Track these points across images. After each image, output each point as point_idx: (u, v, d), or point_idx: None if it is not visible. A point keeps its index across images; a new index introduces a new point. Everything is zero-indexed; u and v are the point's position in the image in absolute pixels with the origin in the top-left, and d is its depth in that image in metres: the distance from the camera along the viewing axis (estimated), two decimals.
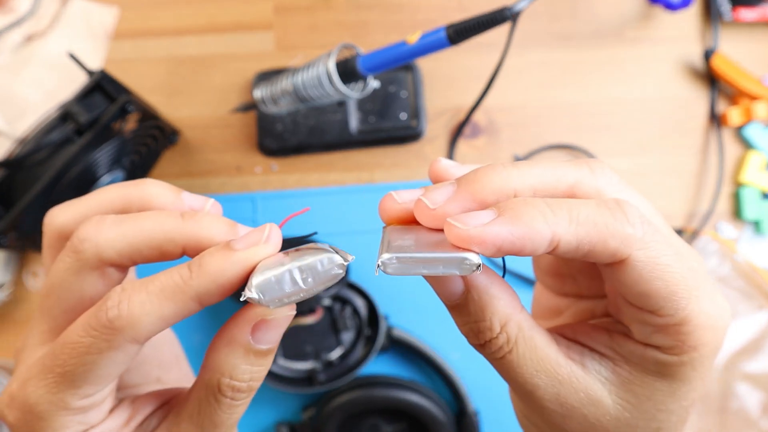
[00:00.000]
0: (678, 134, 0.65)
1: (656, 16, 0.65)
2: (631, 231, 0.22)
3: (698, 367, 0.24)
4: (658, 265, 0.22)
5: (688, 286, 0.22)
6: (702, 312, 0.23)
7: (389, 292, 0.62)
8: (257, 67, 0.64)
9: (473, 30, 0.45)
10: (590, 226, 0.22)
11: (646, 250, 0.22)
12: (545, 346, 0.24)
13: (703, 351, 0.23)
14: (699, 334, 0.23)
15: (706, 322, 0.23)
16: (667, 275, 0.22)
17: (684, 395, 0.24)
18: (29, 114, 0.62)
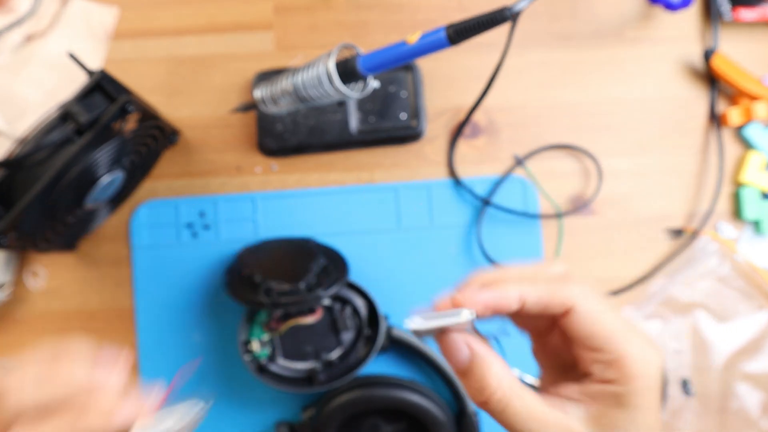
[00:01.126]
0: (678, 134, 0.65)
1: (656, 16, 0.65)
2: (574, 288, 0.31)
3: (643, 395, 0.30)
4: (597, 312, 0.31)
5: (623, 330, 0.31)
6: (636, 350, 0.31)
7: (389, 292, 0.62)
8: (257, 67, 0.64)
9: (473, 30, 0.45)
10: (545, 288, 0.32)
11: (586, 303, 0.31)
12: (533, 399, 0.31)
13: (643, 381, 0.30)
14: (637, 366, 0.30)
15: (641, 357, 0.30)
16: (605, 321, 0.31)
17: (641, 422, 0.31)
18: (29, 114, 0.62)
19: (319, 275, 0.54)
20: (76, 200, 0.52)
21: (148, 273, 0.62)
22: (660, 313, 0.62)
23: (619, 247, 0.63)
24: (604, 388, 0.31)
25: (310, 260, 0.55)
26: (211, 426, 0.61)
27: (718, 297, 0.62)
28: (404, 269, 0.62)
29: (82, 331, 0.62)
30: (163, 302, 0.62)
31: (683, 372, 0.62)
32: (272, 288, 0.52)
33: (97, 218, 0.61)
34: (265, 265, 0.55)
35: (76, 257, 0.63)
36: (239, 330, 0.56)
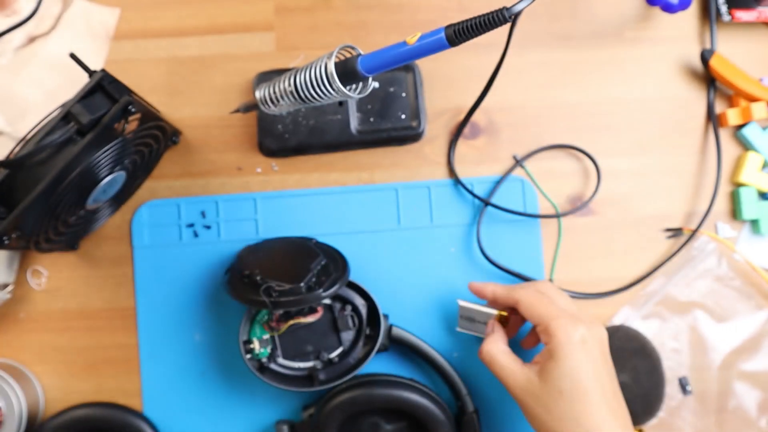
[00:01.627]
0: (677, 134, 0.65)
1: (655, 16, 0.66)
2: (519, 290, 0.54)
3: (564, 348, 0.48)
4: (533, 303, 0.52)
5: (551, 311, 0.50)
6: (558, 321, 0.49)
7: (389, 292, 0.62)
8: (258, 67, 0.64)
9: (473, 31, 0.45)
10: (504, 288, 0.56)
11: (526, 298, 0.52)
12: (511, 360, 0.52)
13: (562, 338, 0.48)
14: (558, 330, 0.49)
15: (560, 324, 0.49)
16: (538, 306, 0.51)
17: (565, 367, 0.47)
18: (31, 114, 0.63)
19: (319, 275, 0.55)
20: (77, 200, 0.53)
21: (149, 273, 0.62)
22: (658, 313, 0.63)
23: (618, 246, 0.64)
24: (545, 349, 0.49)
25: (310, 260, 0.55)
26: (212, 425, 0.61)
27: (717, 296, 0.63)
28: (404, 269, 0.62)
29: (83, 330, 0.62)
30: (164, 302, 0.62)
31: (681, 371, 0.62)
32: (272, 288, 0.53)
33: (99, 218, 0.61)
34: (265, 265, 0.56)
35: (78, 257, 0.63)
36: (240, 329, 0.57)
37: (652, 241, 0.64)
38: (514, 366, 0.50)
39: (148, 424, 0.60)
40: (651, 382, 0.61)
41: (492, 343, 0.52)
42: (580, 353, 0.47)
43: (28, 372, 0.62)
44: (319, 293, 0.52)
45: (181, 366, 0.62)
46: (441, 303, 0.62)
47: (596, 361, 0.48)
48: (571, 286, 0.63)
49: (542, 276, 0.63)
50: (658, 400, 0.61)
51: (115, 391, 0.62)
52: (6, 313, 0.62)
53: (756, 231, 0.64)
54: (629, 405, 0.60)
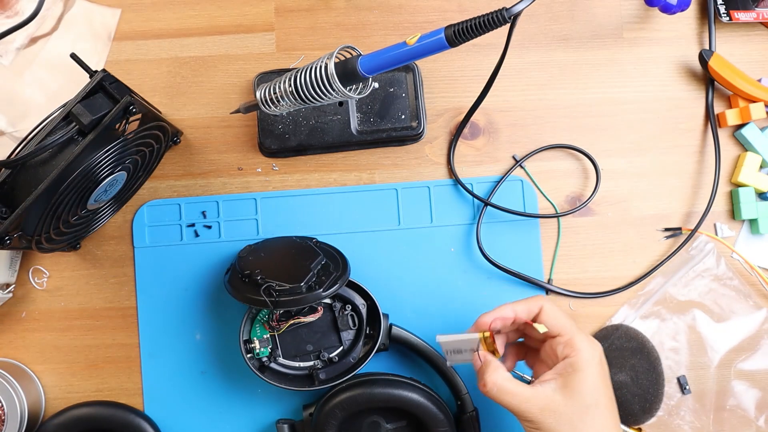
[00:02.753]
0: (676, 135, 0.65)
1: (654, 17, 0.66)
2: (540, 299, 0.52)
3: (588, 362, 0.48)
4: (555, 312, 0.51)
5: (572, 324, 0.51)
6: (580, 335, 0.50)
7: (389, 292, 0.62)
8: (258, 68, 0.65)
9: (472, 32, 0.45)
10: (524, 302, 0.53)
11: (549, 306, 0.52)
12: (519, 385, 0.49)
13: (587, 354, 0.48)
14: (583, 344, 0.49)
15: (583, 338, 0.50)
16: (561, 317, 0.51)
17: (590, 381, 0.48)
18: (32, 115, 0.63)
19: (319, 275, 0.55)
20: (78, 200, 0.53)
21: (150, 272, 0.62)
22: (657, 312, 0.63)
23: (617, 246, 0.64)
24: (564, 363, 0.49)
25: (310, 260, 0.56)
26: (212, 424, 0.61)
27: (715, 296, 0.63)
28: (404, 268, 0.63)
29: (84, 330, 0.63)
30: (165, 301, 0.62)
31: (680, 370, 0.62)
32: (273, 287, 0.53)
33: (100, 218, 0.61)
34: (266, 265, 0.56)
35: (79, 257, 0.63)
36: (240, 329, 0.57)
37: (650, 240, 0.64)
38: (527, 390, 0.48)
39: (149, 423, 0.60)
40: (650, 381, 0.61)
41: (493, 374, 0.49)
42: (600, 370, 0.49)
43: (30, 371, 0.62)
44: (319, 293, 0.53)
45: (181, 365, 0.62)
46: (441, 303, 0.62)
47: (608, 378, 0.50)
48: (571, 285, 0.63)
49: (541, 276, 0.63)
50: (657, 400, 0.61)
51: (116, 390, 0.62)
52: (7, 312, 0.63)
53: (754, 231, 0.64)
54: (628, 404, 0.61)
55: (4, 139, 0.63)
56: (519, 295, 0.62)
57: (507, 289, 0.63)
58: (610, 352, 0.62)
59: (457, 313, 0.62)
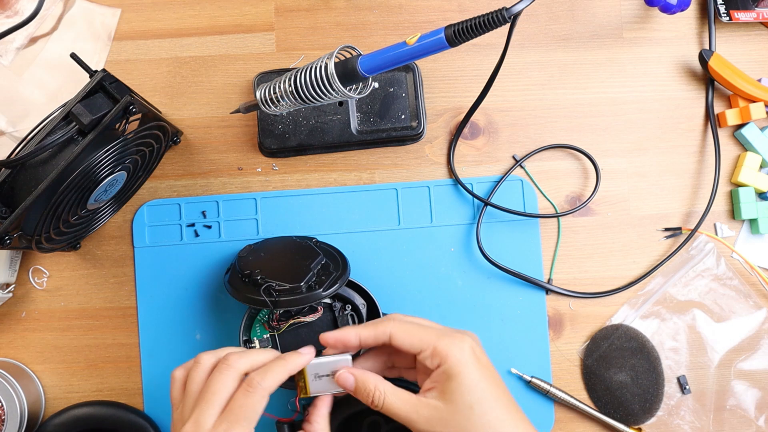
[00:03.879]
0: (675, 135, 0.65)
1: (654, 17, 0.66)
2: (388, 323, 0.49)
3: (460, 365, 0.46)
4: (407, 331, 0.48)
5: (431, 333, 0.48)
6: (443, 340, 0.47)
7: (390, 291, 0.62)
8: (258, 68, 0.65)
9: (472, 31, 0.45)
10: (371, 327, 0.49)
11: (398, 328, 0.48)
12: (403, 393, 0.48)
13: (455, 357, 0.46)
14: (447, 349, 0.46)
15: (447, 343, 0.47)
16: (415, 333, 0.48)
17: (466, 383, 0.46)
18: (32, 115, 0.63)
19: (319, 274, 0.55)
20: (78, 200, 0.53)
21: (150, 272, 0.62)
22: (657, 312, 0.63)
23: (617, 246, 0.64)
24: (437, 372, 0.47)
25: (310, 259, 0.56)
26: None
27: (715, 296, 0.63)
28: (404, 268, 0.63)
29: (84, 329, 0.63)
30: (165, 301, 0.62)
31: (680, 370, 0.62)
32: (273, 287, 0.53)
33: (100, 218, 0.61)
34: (266, 265, 0.56)
35: (79, 256, 0.63)
36: (240, 329, 0.57)
37: (650, 240, 0.64)
38: (413, 400, 0.47)
39: (149, 423, 0.60)
40: (650, 381, 0.61)
41: (379, 385, 0.48)
42: (475, 365, 0.46)
43: (30, 371, 0.62)
44: (319, 293, 0.53)
45: None
46: (441, 303, 0.62)
47: (489, 369, 0.48)
48: (571, 285, 0.63)
49: (541, 275, 0.63)
50: (657, 399, 0.61)
51: (116, 389, 0.62)
52: (7, 312, 0.63)
53: (754, 231, 0.64)
54: (628, 404, 0.61)
55: (4, 139, 0.63)
56: (519, 295, 0.63)
57: (507, 289, 0.63)
58: (610, 352, 0.62)
59: (457, 313, 0.62)
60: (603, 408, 0.62)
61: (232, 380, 0.45)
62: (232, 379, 0.45)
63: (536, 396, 0.62)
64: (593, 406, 0.62)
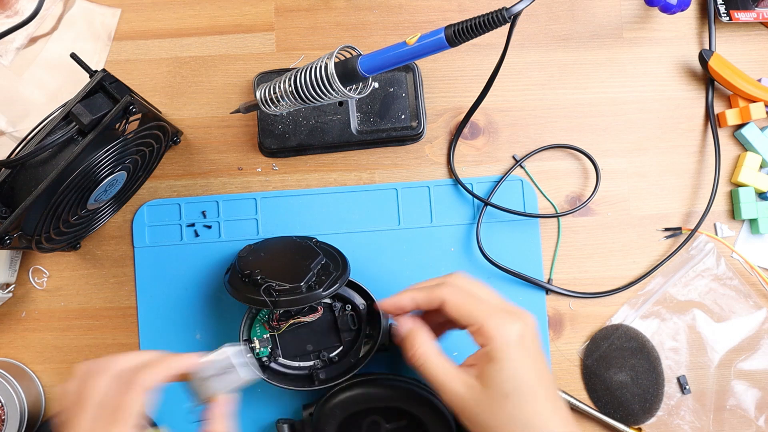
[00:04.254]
0: (675, 135, 0.65)
1: (654, 17, 0.66)
2: (443, 288, 0.48)
3: (503, 350, 0.45)
4: (461, 301, 0.47)
5: (483, 308, 0.47)
6: (493, 320, 0.46)
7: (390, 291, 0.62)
8: (258, 68, 0.65)
9: (472, 31, 0.45)
10: (426, 290, 0.49)
11: (452, 296, 0.48)
12: (445, 361, 0.47)
13: (501, 340, 0.45)
14: (494, 331, 0.45)
15: (496, 324, 0.45)
16: (468, 305, 0.47)
17: (506, 370, 0.44)
18: (32, 115, 0.63)
19: (319, 274, 0.55)
20: (78, 200, 0.53)
21: (150, 272, 0.62)
22: (657, 312, 0.63)
23: (617, 246, 0.64)
24: (481, 351, 0.46)
25: (310, 259, 0.56)
26: None
27: (715, 296, 0.63)
28: (404, 268, 0.63)
29: (84, 330, 0.63)
30: (165, 301, 0.62)
31: (680, 370, 0.62)
32: (273, 287, 0.53)
33: (100, 218, 0.61)
34: (266, 265, 0.56)
35: (79, 256, 0.63)
36: (240, 329, 0.57)
37: (650, 240, 0.64)
38: (452, 370, 0.46)
39: (149, 423, 0.60)
40: (650, 381, 0.61)
41: (423, 344, 0.48)
42: (519, 352, 0.45)
43: (30, 371, 0.62)
44: (319, 293, 0.53)
45: None
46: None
47: (535, 357, 0.46)
48: (571, 285, 0.63)
49: (541, 275, 0.63)
50: (657, 399, 0.61)
51: None
52: (7, 312, 0.63)
53: (754, 231, 0.64)
54: (628, 404, 0.61)
55: (4, 139, 0.63)
56: (519, 295, 0.63)
57: (507, 289, 0.63)
58: (610, 352, 0.62)
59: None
60: (603, 408, 0.62)
61: (105, 383, 0.42)
62: (105, 382, 0.42)
63: None
64: (593, 406, 0.62)
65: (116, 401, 0.41)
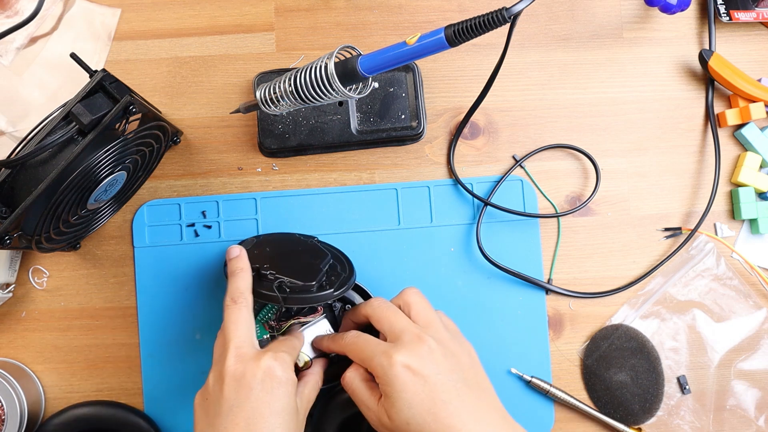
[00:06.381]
0: (675, 135, 0.65)
1: (654, 17, 0.66)
2: (345, 338, 0.52)
3: (390, 390, 0.47)
4: (355, 348, 0.50)
5: (368, 353, 0.49)
6: (374, 364, 0.48)
7: (389, 292, 0.62)
8: (258, 68, 0.65)
9: (472, 31, 0.45)
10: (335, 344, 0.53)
11: (351, 348, 0.51)
12: (367, 391, 0.50)
13: (385, 379, 0.47)
14: (377, 371, 0.48)
15: (377, 368, 0.48)
16: (360, 351, 0.50)
17: (400, 407, 0.46)
18: (32, 115, 0.63)
19: (329, 275, 0.55)
20: (78, 200, 0.53)
21: (150, 272, 0.62)
22: (657, 312, 0.63)
23: (617, 246, 0.64)
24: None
25: (319, 259, 0.56)
26: None
27: (715, 296, 0.63)
28: (404, 268, 0.63)
29: (84, 329, 0.63)
30: (165, 301, 0.62)
31: (680, 370, 0.62)
32: (285, 284, 0.53)
33: (100, 218, 0.61)
34: (273, 261, 0.56)
35: (79, 256, 0.63)
36: None
37: (650, 240, 0.64)
38: (371, 403, 0.48)
39: (149, 423, 0.60)
40: (650, 381, 0.61)
41: (354, 371, 0.50)
42: (407, 384, 0.46)
43: (30, 371, 0.62)
44: (330, 293, 0.53)
45: (182, 365, 0.62)
46: (441, 303, 0.62)
47: (426, 381, 0.46)
48: (571, 285, 0.63)
49: (541, 275, 0.63)
50: (657, 399, 0.61)
51: (116, 389, 0.62)
52: (7, 312, 0.63)
53: (754, 231, 0.64)
54: (628, 404, 0.61)
55: (4, 139, 0.63)
56: (519, 295, 0.63)
57: (507, 289, 0.63)
58: (610, 352, 0.62)
59: (457, 313, 0.62)
60: (603, 408, 0.62)
61: None
62: None
63: (536, 396, 0.62)
64: (593, 406, 0.62)
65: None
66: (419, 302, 0.51)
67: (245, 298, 0.51)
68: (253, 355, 0.48)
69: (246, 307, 0.51)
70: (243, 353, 0.48)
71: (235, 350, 0.48)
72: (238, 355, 0.48)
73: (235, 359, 0.47)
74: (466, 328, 0.54)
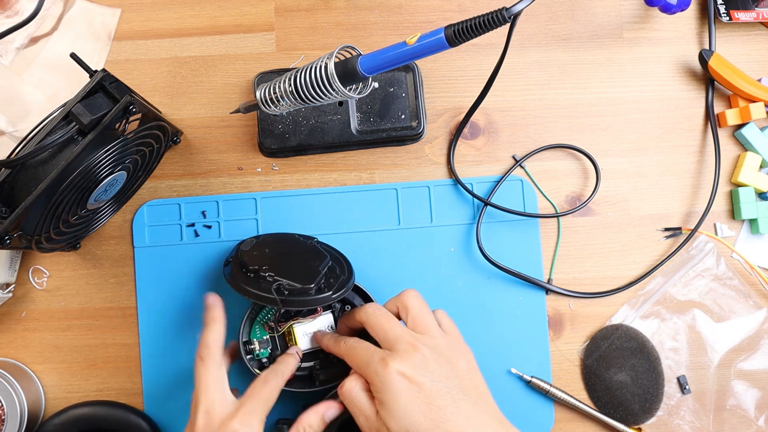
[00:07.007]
0: (675, 135, 0.65)
1: (654, 17, 0.66)
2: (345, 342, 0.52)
3: (385, 398, 0.47)
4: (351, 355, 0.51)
5: (363, 363, 0.49)
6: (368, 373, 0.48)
7: (389, 292, 0.62)
8: (258, 68, 0.65)
9: (472, 31, 0.45)
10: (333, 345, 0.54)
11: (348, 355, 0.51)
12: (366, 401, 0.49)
13: (380, 388, 0.47)
14: (371, 378, 0.48)
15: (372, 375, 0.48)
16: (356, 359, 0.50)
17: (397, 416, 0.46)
18: (33, 115, 0.63)
19: (327, 277, 0.55)
20: (78, 200, 0.53)
21: (150, 272, 0.62)
22: (657, 312, 0.63)
23: (617, 246, 0.64)
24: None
25: (318, 261, 0.56)
26: None
27: (715, 296, 0.63)
28: (404, 269, 0.63)
29: (84, 329, 0.63)
30: (165, 301, 0.62)
31: (680, 370, 0.62)
32: (283, 286, 0.53)
33: (100, 218, 0.61)
34: (272, 262, 0.56)
35: (79, 256, 0.63)
36: (240, 330, 0.57)
37: (650, 240, 0.64)
38: (369, 413, 0.48)
39: (149, 423, 0.60)
40: (650, 381, 0.61)
41: (354, 381, 0.49)
42: (402, 392, 0.46)
43: (30, 371, 0.62)
44: (329, 295, 0.53)
45: (181, 365, 0.62)
46: (441, 303, 0.62)
47: (422, 388, 0.46)
48: (571, 285, 0.63)
49: (541, 275, 0.63)
50: (657, 399, 0.61)
51: (116, 389, 0.62)
52: (7, 312, 0.63)
53: (754, 231, 0.64)
54: (628, 404, 0.61)
55: (4, 139, 0.63)
56: (519, 295, 0.63)
57: (507, 289, 0.63)
58: (610, 352, 0.62)
59: (457, 313, 0.62)
60: (603, 408, 0.62)
61: None
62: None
63: (536, 396, 0.62)
64: (593, 406, 0.62)
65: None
66: (417, 306, 0.51)
67: (213, 354, 0.51)
68: (220, 422, 0.48)
69: (214, 364, 0.50)
70: (212, 418, 0.48)
71: (204, 414, 0.48)
72: (207, 420, 0.48)
73: (204, 424, 0.48)
74: (466, 328, 0.54)
